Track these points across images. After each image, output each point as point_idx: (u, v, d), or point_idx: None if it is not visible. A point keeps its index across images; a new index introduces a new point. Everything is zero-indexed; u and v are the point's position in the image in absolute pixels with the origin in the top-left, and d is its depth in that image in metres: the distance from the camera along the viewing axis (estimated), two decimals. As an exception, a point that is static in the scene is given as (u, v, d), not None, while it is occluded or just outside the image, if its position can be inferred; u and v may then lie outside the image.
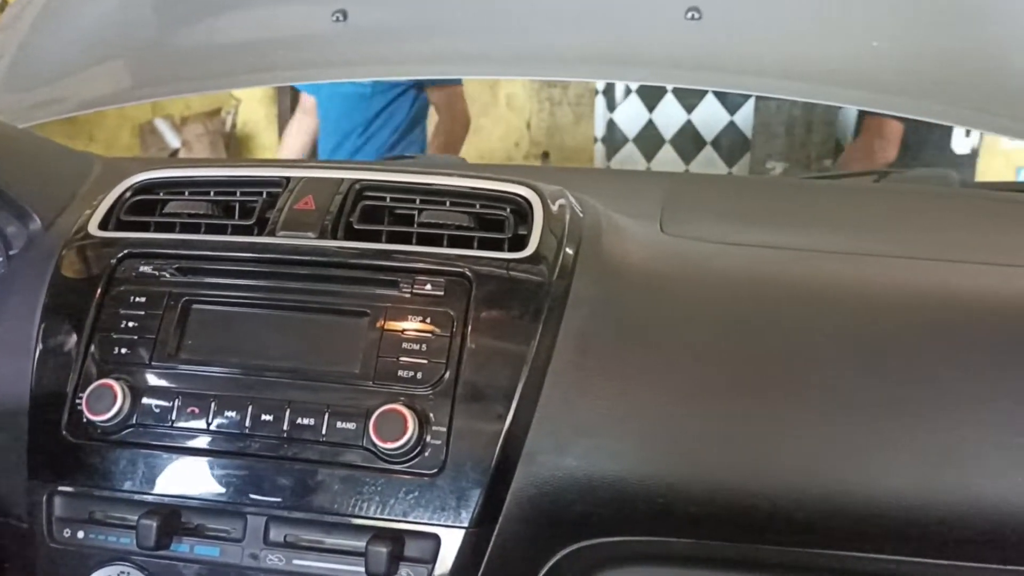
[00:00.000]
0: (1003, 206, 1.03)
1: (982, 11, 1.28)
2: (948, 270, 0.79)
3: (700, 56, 1.39)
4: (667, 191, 1.04)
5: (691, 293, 0.76)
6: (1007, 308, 0.73)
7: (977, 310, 0.73)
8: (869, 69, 1.31)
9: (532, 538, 0.72)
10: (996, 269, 0.79)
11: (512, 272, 0.74)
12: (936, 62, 1.27)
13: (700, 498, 0.69)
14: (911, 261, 0.80)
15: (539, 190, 0.79)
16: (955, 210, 1.02)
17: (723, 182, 1.33)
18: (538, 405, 0.71)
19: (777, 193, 1.21)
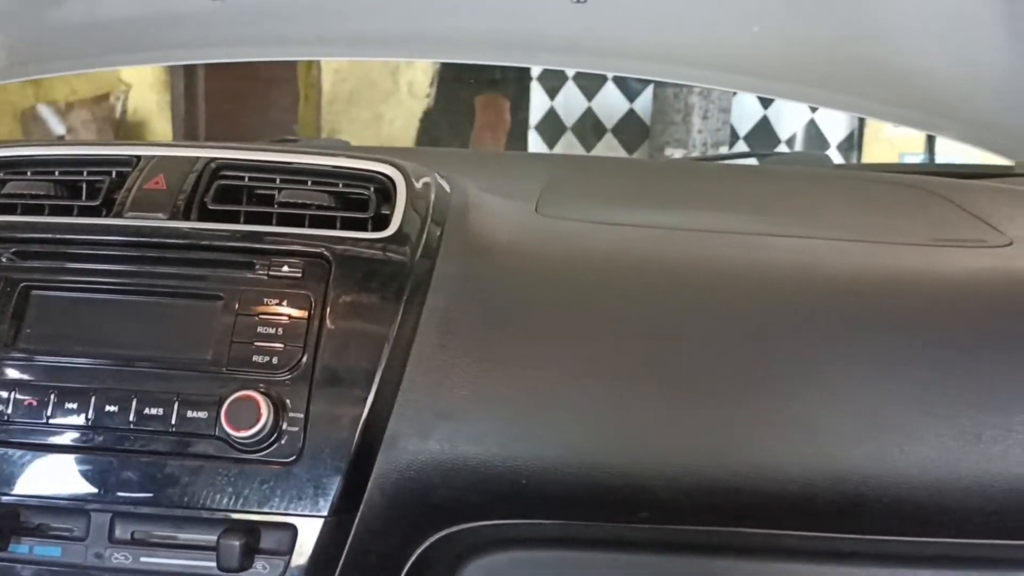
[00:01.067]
0: (872, 185, 1.05)
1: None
2: (811, 247, 0.80)
3: (586, 40, 1.39)
4: (549, 173, 1.03)
5: (558, 273, 0.75)
6: (862, 283, 0.74)
7: (833, 285, 0.74)
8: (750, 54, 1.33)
9: (397, 525, 0.70)
10: (858, 245, 0.80)
11: (372, 252, 0.71)
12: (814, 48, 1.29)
13: (564, 479, 0.68)
14: (777, 239, 0.81)
15: (403, 168, 0.76)
16: (826, 190, 1.04)
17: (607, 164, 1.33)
18: (400, 388, 0.69)
19: (660, 175, 1.21)
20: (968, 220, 0.88)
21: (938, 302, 0.72)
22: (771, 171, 1.25)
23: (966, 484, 0.66)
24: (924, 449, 0.67)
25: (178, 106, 4.23)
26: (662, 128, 3.42)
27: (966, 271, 0.75)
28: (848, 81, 1.26)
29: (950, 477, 0.67)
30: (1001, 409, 0.67)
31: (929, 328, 0.70)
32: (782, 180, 1.11)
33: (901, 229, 0.85)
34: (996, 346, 0.69)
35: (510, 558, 0.82)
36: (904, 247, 0.79)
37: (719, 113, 3.36)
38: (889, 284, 0.74)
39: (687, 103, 3.33)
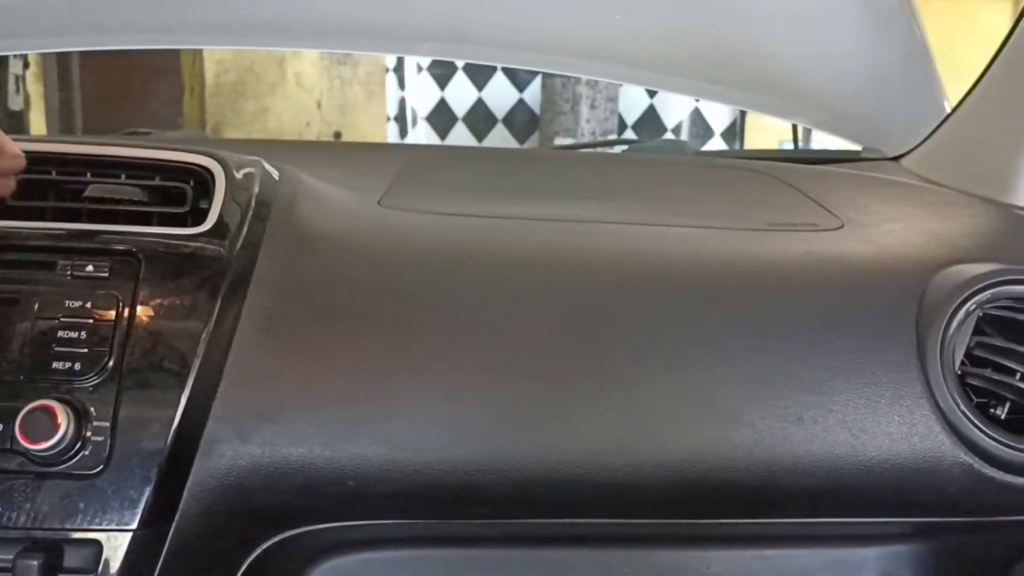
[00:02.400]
0: (721, 172, 1.06)
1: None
2: (648, 233, 0.80)
3: (455, 29, 1.37)
4: (404, 164, 1.01)
5: (387, 267, 0.73)
6: (693, 269, 0.74)
7: (661, 272, 0.74)
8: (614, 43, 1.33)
9: (220, 534, 0.67)
10: (695, 231, 0.80)
11: (186, 248, 0.68)
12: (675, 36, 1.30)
13: (393, 479, 0.66)
14: (615, 226, 0.81)
15: (222, 159, 0.73)
16: (676, 177, 1.04)
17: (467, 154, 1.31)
18: (218, 391, 0.65)
19: (518, 164, 1.20)
20: (806, 204, 0.90)
21: (762, 286, 0.72)
22: (631, 159, 1.25)
23: (789, 465, 0.67)
24: (749, 432, 0.67)
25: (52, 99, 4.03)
26: (551, 118, 3.43)
27: (792, 255, 0.76)
28: (705, 68, 1.27)
29: (775, 459, 0.67)
30: (821, 391, 0.68)
31: (753, 312, 0.71)
32: (640, 168, 1.11)
33: (740, 214, 0.86)
34: (815, 328, 0.70)
35: (358, 560, 0.80)
36: (738, 232, 0.80)
37: (606, 102, 3.38)
38: (717, 269, 0.74)
39: (575, 93, 3.35)
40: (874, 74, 1.24)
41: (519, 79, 3.59)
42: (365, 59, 3.79)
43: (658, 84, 1.51)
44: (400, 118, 3.77)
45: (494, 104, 3.65)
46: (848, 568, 0.81)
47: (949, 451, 0.68)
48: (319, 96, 3.99)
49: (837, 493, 0.68)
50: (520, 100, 3.61)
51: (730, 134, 3.34)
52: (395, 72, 3.76)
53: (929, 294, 0.71)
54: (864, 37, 1.24)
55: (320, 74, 3.95)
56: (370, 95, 3.91)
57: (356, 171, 0.95)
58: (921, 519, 0.74)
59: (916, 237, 0.79)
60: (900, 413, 0.68)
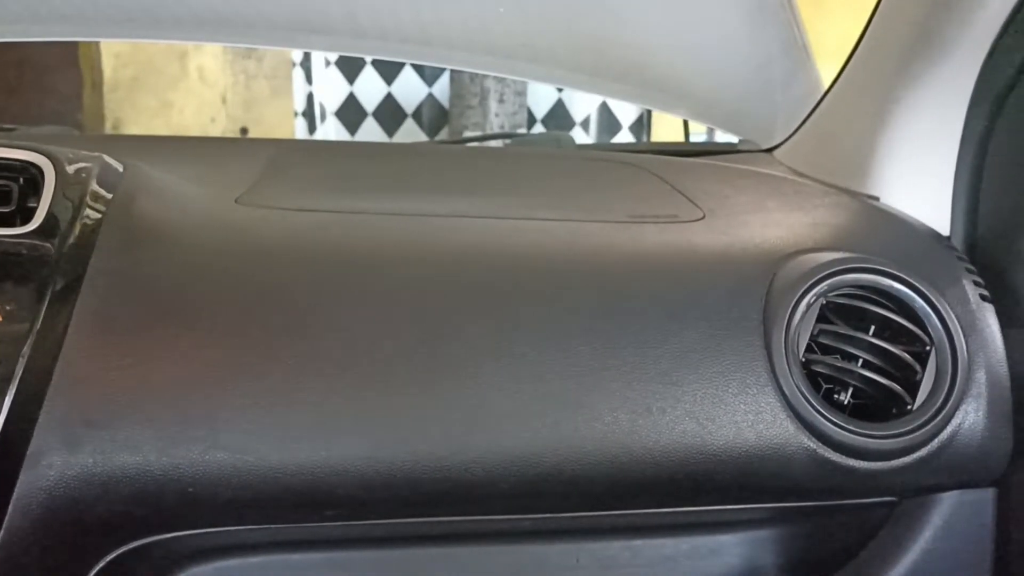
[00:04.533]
0: (593, 164, 1.06)
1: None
2: (508, 226, 0.79)
3: (345, 22, 1.34)
4: (271, 159, 0.98)
5: (230, 263, 0.71)
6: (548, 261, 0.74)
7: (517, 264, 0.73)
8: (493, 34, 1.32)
9: (54, 551, 0.64)
10: (557, 224, 0.80)
11: (8, 249, 0.64)
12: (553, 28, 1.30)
13: (234, 483, 0.64)
14: (474, 220, 0.80)
15: (52, 155, 0.70)
16: (549, 170, 1.04)
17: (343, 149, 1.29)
18: (45, 399, 0.62)
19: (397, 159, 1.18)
20: (672, 197, 0.90)
21: (615, 277, 0.73)
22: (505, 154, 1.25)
23: (640, 456, 0.67)
24: (598, 425, 0.67)
25: None
26: (460, 112, 3.41)
27: (647, 246, 0.76)
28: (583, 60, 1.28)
29: (625, 450, 0.67)
30: (672, 381, 0.68)
31: (603, 303, 0.71)
32: (512, 163, 1.10)
33: (604, 207, 0.86)
34: (666, 319, 0.70)
35: (216, 569, 0.78)
36: (597, 224, 0.80)
37: (515, 96, 3.38)
38: (569, 261, 0.74)
39: (483, 87, 3.33)
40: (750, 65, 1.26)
41: (428, 73, 3.56)
42: (270, 53, 3.72)
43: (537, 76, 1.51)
44: (308, 113, 3.70)
45: (403, 99, 3.61)
46: (711, 554, 0.82)
47: (793, 437, 0.69)
48: (223, 91, 3.90)
49: (689, 482, 0.69)
50: (429, 94, 3.58)
51: (637, 128, 3.37)
52: (302, 66, 3.69)
53: (775, 284, 0.72)
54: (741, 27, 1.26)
55: (223, 68, 3.86)
56: (276, 90, 3.84)
57: (222, 168, 0.92)
58: (774, 504, 0.75)
59: (769, 228, 0.80)
60: (746, 402, 0.68)
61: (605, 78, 1.34)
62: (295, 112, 3.77)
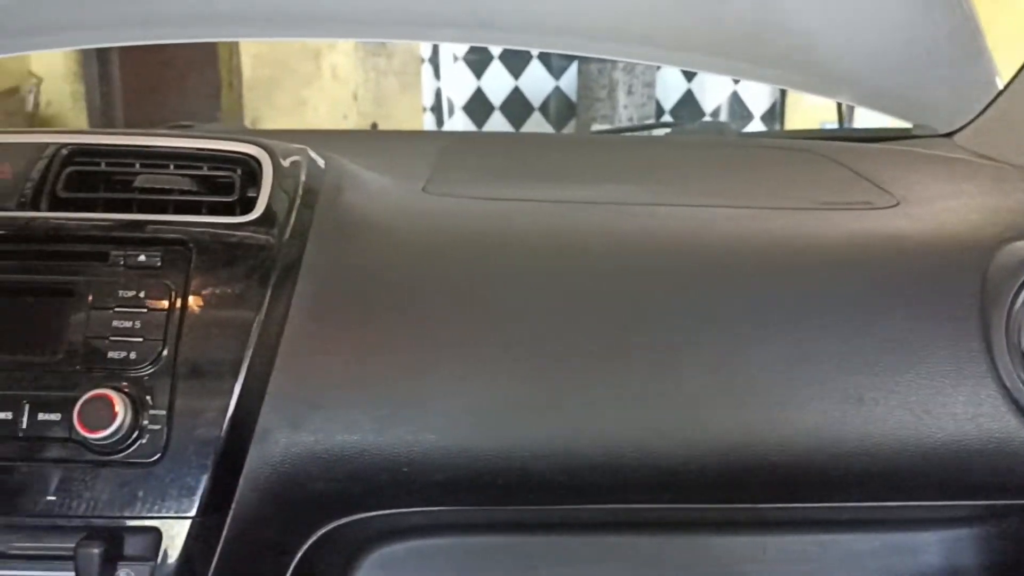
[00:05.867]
0: (768, 152, 1.04)
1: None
2: (697, 215, 0.78)
3: (481, 13, 1.36)
4: (444, 150, 1.00)
5: (435, 252, 0.72)
6: (745, 250, 0.73)
7: (715, 253, 0.73)
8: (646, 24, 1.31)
9: (275, 522, 0.67)
10: (746, 212, 0.79)
11: (236, 237, 0.68)
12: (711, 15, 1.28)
13: (446, 465, 0.66)
14: (664, 208, 0.80)
15: (269, 148, 0.73)
16: (722, 159, 1.03)
17: (506, 140, 1.31)
18: (270, 379, 0.65)
19: (559, 149, 1.19)
20: (858, 183, 0.88)
21: (815, 265, 0.71)
22: (671, 142, 1.24)
23: (849, 448, 0.66)
24: (806, 415, 0.66)
25: (92, 97, 4.10)
26: (588, 104, 3.41)
27: (848, 234, 0.74)
28: (741, 47, 1.25)
29: (833, 441, 0.66)
30: (882, 371, 0.66)
31: (805, 291, 0.69)
32: (680, 151, 1.09)
33: (790, 194, 0.84)
34: (873, 308, 0.68)
35: (407, 548, 0.80)
36: (790, 212, 0.78)
37: (643, 88, 3.36)
38: (771, 249, 0.73)
39: (611, 79, 3.32)
40: (920, 48, 1.21)
41: (555, 66, 3.57)
42: (400, 49, 3.79)
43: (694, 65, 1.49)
44: (436, 108, 3.77)
45: (530, 92, 3.63)
46: (907, 553, 0.79)
47: (1016, 432, 0.66)
48: (355, 88, 4.00)
49: (898, 476, 0.67)
50: (556, 88, 3.59)
51: (770, 116, 3.29)
52: (430, 62, 3.76)
53: (992, 271, 0.69)
54: (908, 10, 1.21)
55: (355, 66, 3.96)
56: (406, 86, 3.91)
57: (396, 159, 0.95)
58: (985, 502, 0.72)
59: (974, 214, 0.77)
60: (965, 394, 0.66)
61: (762, 64, 1.32)
62: (423, 107, 3.84)
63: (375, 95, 3.97)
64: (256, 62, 4.00)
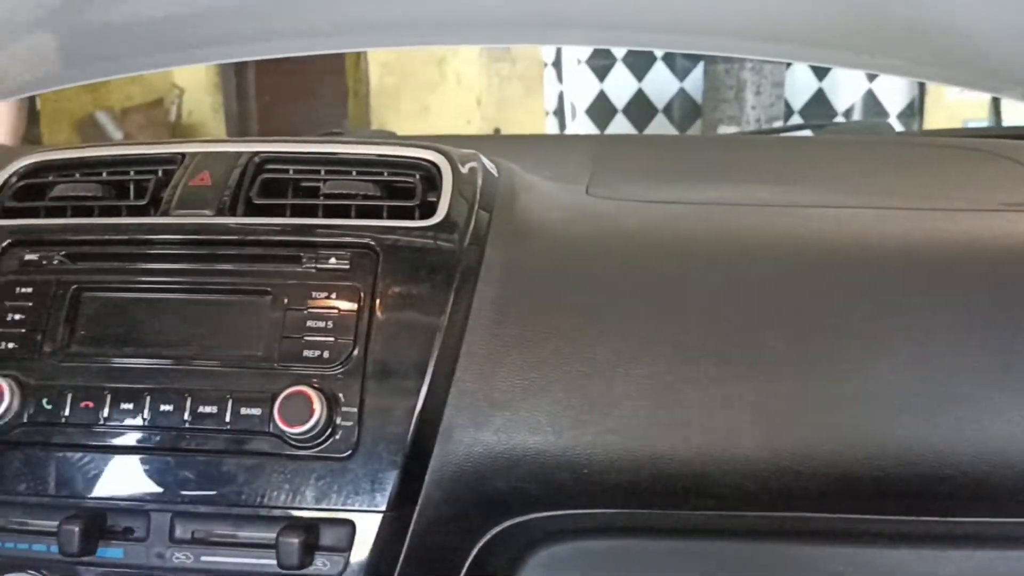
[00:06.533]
0: (933, 151, 1.01)
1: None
2: (874, 216, 0.76)
3: (608, 14, 1.36)
4: (598, 153, 1.01)
5: (610, 255, 0.73)
6: (930, 252, 0.70)
7: (900, 256, 0.70)
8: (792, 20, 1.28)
9: (457, 519, 0.69)
10: (922, 214, 0.77)
11: (420, 241, 0.70)
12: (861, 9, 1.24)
13: (626, 467, 0.66)
14: (835, 210, 0.78)
15: (448, 154, 0.75)
16: (885, 158, 1.00)
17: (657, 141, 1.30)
18: (454, 379, 0.67)
19: (712, 150, 1.18)
20: None
21: (1008, 270, 0.68)
22: (827, 142, 1.20)
23: None
24: (999, 425, 0.63)
25: (230, 106, 4.29)
26: (714, 105, 3.35)
27: None
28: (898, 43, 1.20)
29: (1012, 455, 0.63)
30: None
31: (1000, 297, 0.66)
32: (839, 151, 1.06)
33: (967, 195, 0.81)
34: None
35: (573, 548, 0.80)
36: (970, 213, 0.75)
37: (772, 88, 3.28)
38: (957, 253, 0.70)
39: (739, 79, 3.26)
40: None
41: (679, 67, 3.53)
42: (523, 54, 3.83)
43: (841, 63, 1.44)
44: (559, 112, 3.78)
45: (654, 94, 3.60)
46: None
47: None
48: (478, 93, 4.06)
49: None
50: (680, 89, 3.54)
51: (908, 115, 3.16)
52: (553, 66, 3.77)
53: None
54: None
55: (479, 72, 4.02)
56: (528, 90, 3.95)
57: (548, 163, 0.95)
58: None
59: None
60: None
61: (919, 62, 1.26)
62: (546, 111, 3.86)
63: (498, 100, 4.02)
64: (383, 70, 4.11)
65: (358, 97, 4.62)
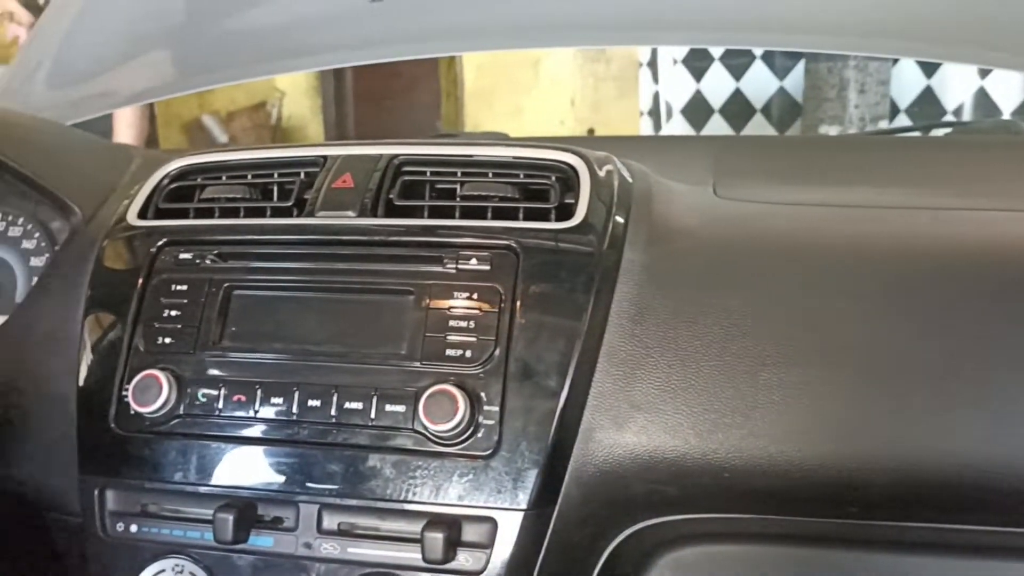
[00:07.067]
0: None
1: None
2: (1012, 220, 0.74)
3: (724, 14, 1.34)
4: (717, 154, 1.00)
5: (748, 257, 0.72)
6: None
7: None
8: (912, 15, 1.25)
9: (594, 519, 0.69)
10: None
11: (560, 243, 0.70)
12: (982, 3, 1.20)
13: (770, 472, 0.65)
14: (972, 213, 0.75)
15: (585, 156, 0.75)
16: None
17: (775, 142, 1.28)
18: (593, 380, 0.68)
19: (831, 151, 1.16)
20: None
21: None
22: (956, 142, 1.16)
23: None
24: None
25: (329, 109, 4.39)
26: (815, 105, 3.27)
27: None
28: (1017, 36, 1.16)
29: None
30: None
31: None
32: (971, 151, 1.03)
33: None
34: None
35: (701, 552, 0.80)
36: None
37: (877, 86, 3.18)
38: None
39: (842, 77, 3.17)
40: None
41: (779, 66, 3.46)
42: (618, 55, 3.81)
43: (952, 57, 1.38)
44: (654, 112, 3.75)
45: (752, 94, 3.54)
46: None
47: None
48: (572, 94, 4.06)
49: None
50: (780, 88, 3.47)
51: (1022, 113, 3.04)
52: (648, 66, 3.74)
53: None
54: None
55: (573, 73, 4.01)
56: (622, 91, 3.93)
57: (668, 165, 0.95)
58: None
59: None
60: None
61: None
62: (640, 112, 3.84)
63: (592, 101, 4.01)
64: (478, 72, 4.14)
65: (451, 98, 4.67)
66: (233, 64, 1.63)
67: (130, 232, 0.79)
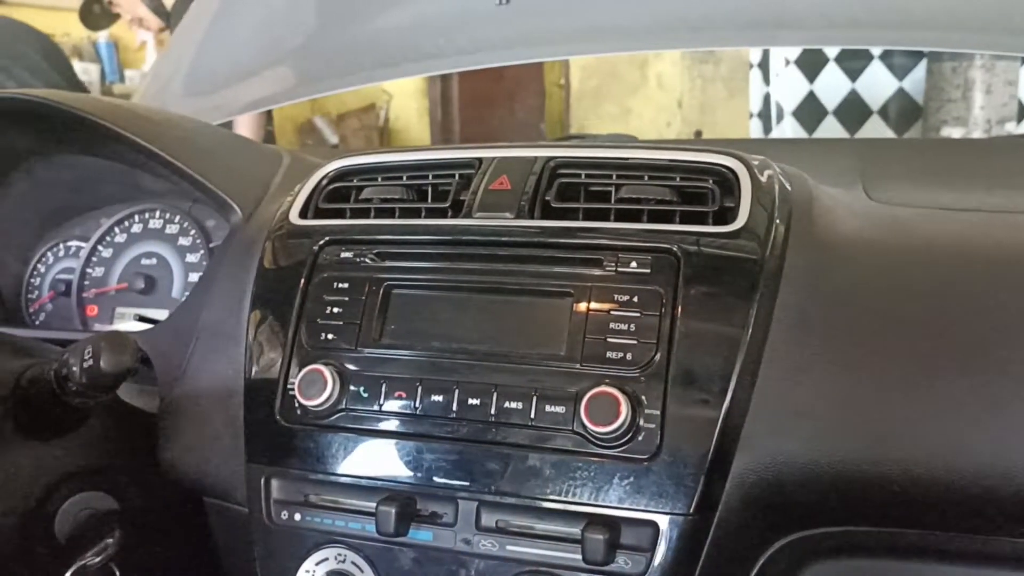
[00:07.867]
0: None
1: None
2: None
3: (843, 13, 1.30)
4: (860, 157, 0.98)
5: (911, 264, 0.70)
6: None
7: None
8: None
9: (752, 527, 0.68)
10: None
11: (722, 247, 0.70)
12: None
13: (941, 483, 0.63)
14: None
15: (745, 160, 0.74)
16: None
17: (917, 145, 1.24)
18: (755, 387, 0.67)
19: (976, 154, 1.11)
20: None
21: None
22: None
23: None
24: None
25: (435, 111, 4.45)
26: (938, 106, 3.16)
27: None
28: None
29: None
30: None
31: None
32: None
33: None
34: None
35: (850, 566, 0.78)
36: None
37: (1005, 86, 3.05)
38: None
39: (967, 78, 3.05)
40: None
41: (898, 67, 3.34)
42: (728, 56, 3.75)
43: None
44: (764, 114, 3.67)
45: (868, 95, 3.43)
46: None
47: None
48: (680, 96, 4.01)
49: None
50: (899, 89, 3.35)
51: None
52: (759, 67, 3.67)
53: None
54: None
55: (681, 74, 3.97)
56: (732, 92, 3.87)
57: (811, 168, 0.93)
58: None
59: None
60: None
61: None
62: (750, 113, 3.77)
63: (700, 102, 3.96)
64: (584, 73, 4.13)
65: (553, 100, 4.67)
66: (359, 69, 1.68)
67: (292, 231, 0.81)
